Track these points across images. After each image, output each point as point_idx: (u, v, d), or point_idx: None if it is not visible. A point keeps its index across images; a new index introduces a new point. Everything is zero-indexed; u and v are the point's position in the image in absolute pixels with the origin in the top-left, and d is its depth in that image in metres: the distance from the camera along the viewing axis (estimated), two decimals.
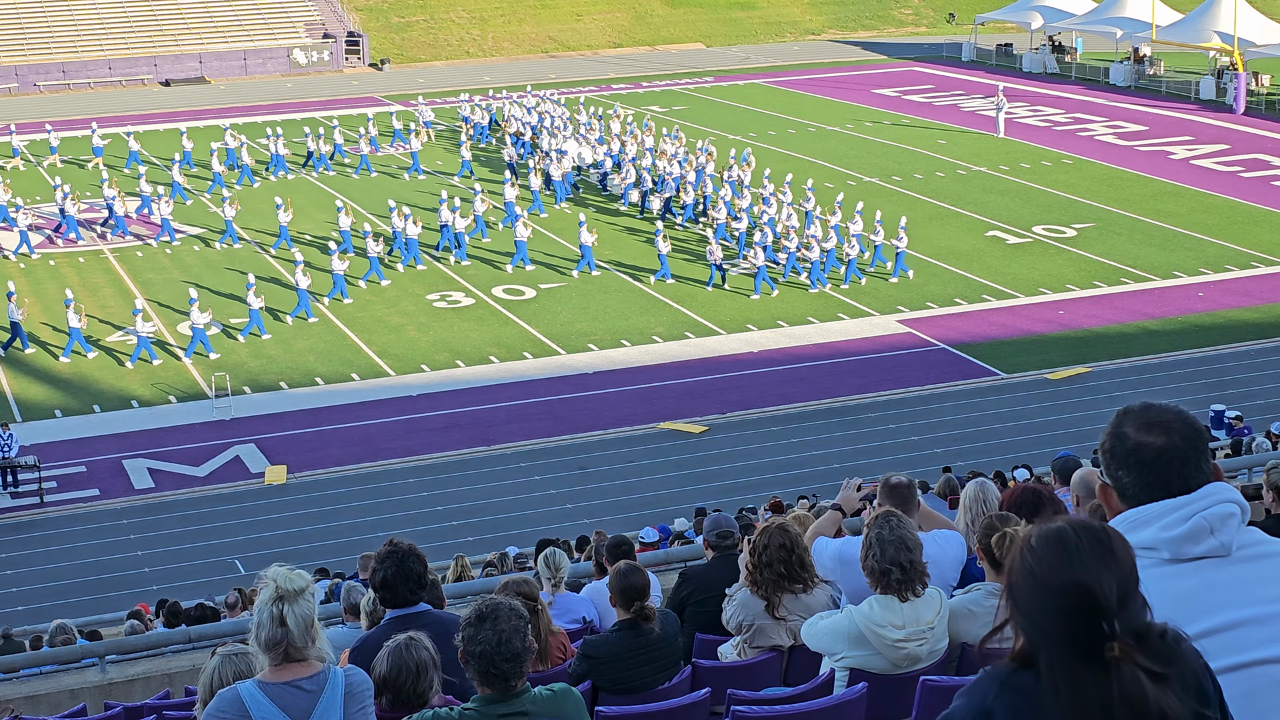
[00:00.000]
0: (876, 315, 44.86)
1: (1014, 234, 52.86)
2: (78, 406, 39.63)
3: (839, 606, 9.51)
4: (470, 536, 31.10)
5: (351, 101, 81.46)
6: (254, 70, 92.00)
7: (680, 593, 11.33)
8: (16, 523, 33.82)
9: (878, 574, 8.41)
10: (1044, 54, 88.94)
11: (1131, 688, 3.73)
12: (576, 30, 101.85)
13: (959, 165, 63.21)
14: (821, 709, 8.45)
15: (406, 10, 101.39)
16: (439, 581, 11.12)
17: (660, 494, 33.35)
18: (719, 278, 47.17)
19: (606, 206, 57.16)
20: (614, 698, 9.49)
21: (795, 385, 39.89)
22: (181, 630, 18.94)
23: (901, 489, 9.84)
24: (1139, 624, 3.82)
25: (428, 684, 7.12)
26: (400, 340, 43.36)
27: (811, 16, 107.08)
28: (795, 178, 56.96)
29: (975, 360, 41.24)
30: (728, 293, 46.76)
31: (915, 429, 36.74)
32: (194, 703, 7.48)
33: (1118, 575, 3.82)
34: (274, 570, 6.36)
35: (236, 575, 29.52)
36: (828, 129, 71.60)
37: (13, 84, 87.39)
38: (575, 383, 40.46)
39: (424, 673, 7.12)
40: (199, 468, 35.98)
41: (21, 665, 18.00)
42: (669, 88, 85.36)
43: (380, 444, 37.08)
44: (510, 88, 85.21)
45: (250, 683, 6.33)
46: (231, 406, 38.90)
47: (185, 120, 73.62)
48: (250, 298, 43.88)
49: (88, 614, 26.74)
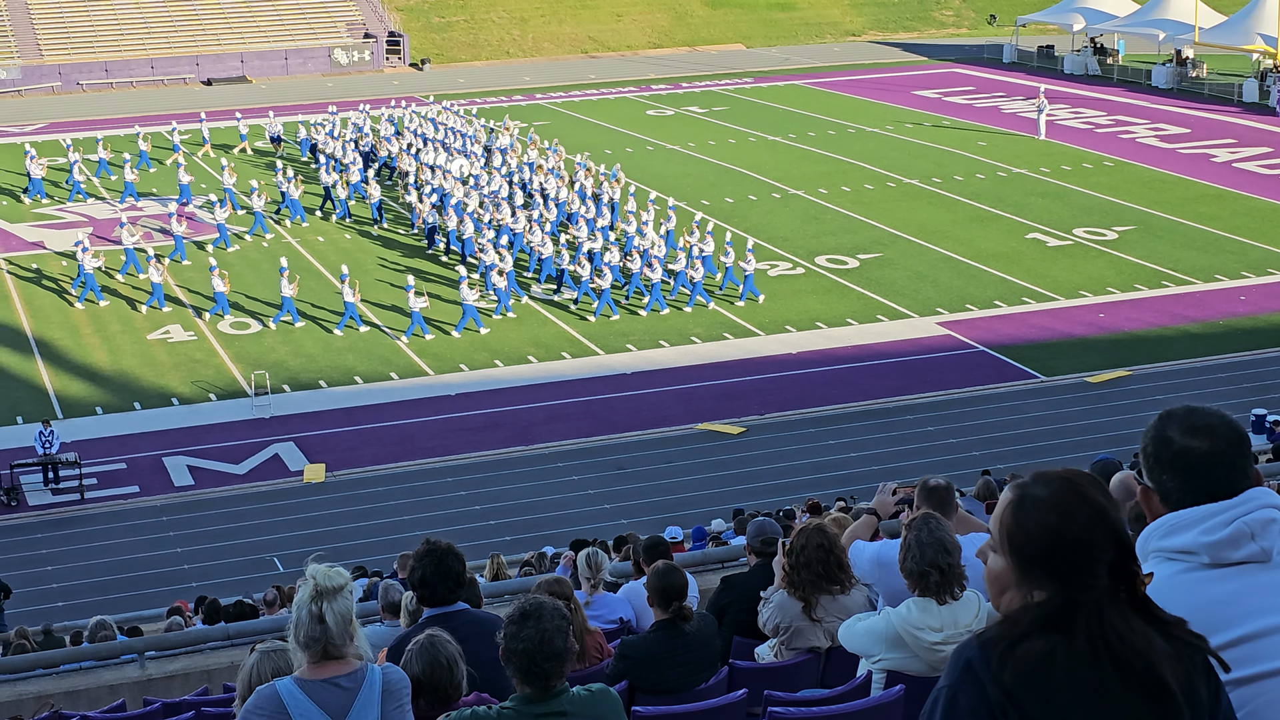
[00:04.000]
0: (915, 317, 44.75)
1: (1054, 236, 52.66)
2: (118, 404, 39.82)
3: (876, 608, 9.49)
4: (507, 536, 31.13)
5: (412, 100, 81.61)
6: (295, 70, 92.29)
7: (722, 599, 11.30)
8: (57, 519, 34.00)
9: (916, 576, 8.39)
10: (1085, 56, 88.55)
11: (1164, 618, 3.86)
12: (616, 30, 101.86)
13: (999, 167, 63.00)
14: (859, 711, 8.44)
15: (447, 10, 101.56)
16: (477, 580, 11.12)
17: (698, 495, 33.32)
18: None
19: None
20: (651, 698, 9.49)
21: (834, 387, 39.82)
22: (220, 627, 19.01)
23: (940, 492, 9.81)
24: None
25: (460, 675, 7.15)
26: (439, 339, 43.43)
27: (852, 18, 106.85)
28: (716, 191, 56.83)
29: (1014, 363, 41.10)
30: (767, 294, 46.68)
31: (954, 431, 36.63)
32: (232, 699, 7.50)
33: (1122, 513, 3.90)
34: (313, 568, 6.37)
35: (275, 573, 29.63)
36: (868, 130, 71.45)
37: (56, 83, 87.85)
38: (613, 383, 40.47)
39: (455, 666, 7.15)
40: (238, 465, 36.11)
41: (61, 660, 18.09)
42: (708, 88, 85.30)
43: (418, 443, 37.15)
44: (549, 88, 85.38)
45: (288, 680, 6.34)
46: (271, 405, 39.04)
47: (224, 120, 73.86)
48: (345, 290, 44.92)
49: (127, 610, 26.87)
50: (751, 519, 13.20)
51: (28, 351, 43.50)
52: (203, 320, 45.47)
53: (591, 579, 12.91)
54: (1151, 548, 4.44)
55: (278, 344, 43.51)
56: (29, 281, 50.36)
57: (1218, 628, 4.17)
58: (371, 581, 21.13)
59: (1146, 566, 4.46)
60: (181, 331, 44.75)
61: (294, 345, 43.45)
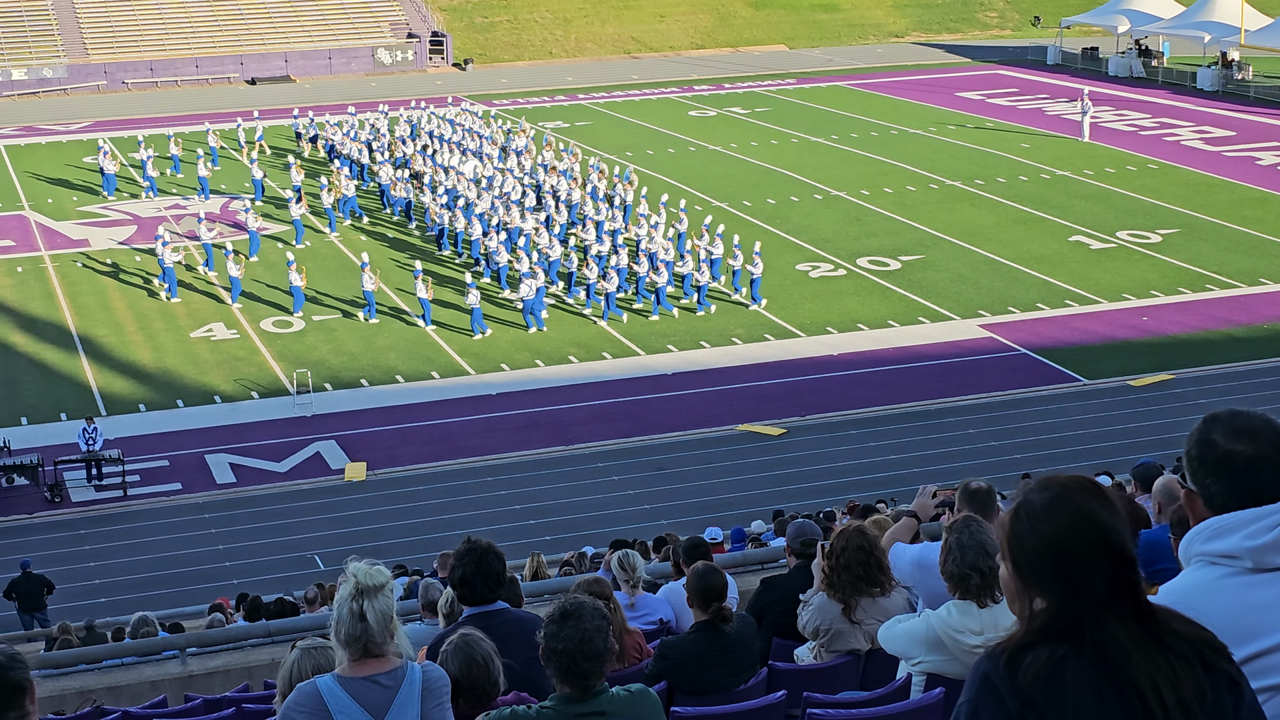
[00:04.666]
0: (957, 319, 44.61)
1: (1098, 239, 52.43)
2: (161, 401, 40.01)
3: (916, 611, 9.46)
4: (547, 535, 31.15)
5: (434, 102, 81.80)
6: (339, 69, 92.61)
7: (761, 600, 11.28)
8: (100, 515, 34.16)
9: (957, 579, 8.36)
10: (1130, 58, 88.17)
11: (1172, 625, 3.85)
12: (659, 31, 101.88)
13: (1042, 169, 62.77)
14: (898, 713, 8.42)
15: (490, 11, 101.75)
16: (518, 580, 11.14)
17: (738, 496, 33.29)
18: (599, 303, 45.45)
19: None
20: (690, 699, 9.49)
21: (875, 388, 39.73)
22: (261, 624, 19.09)
23: (981, 495, 9.78)
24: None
25: (497, 672, 7.17)
26: (480, 339, 43.49)
27: (895, 19, 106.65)
28: (757, 192, 56.73)
29: (1057, 366, 40.94)
30: (807, 297, 46.65)
31: (995, 434, 36.51)
32: (273, 696, 7.53)
33: (1124, 521, 3.89)
34: (354, 566, 6.38)
35: (315, 570, 29.72)
36: (910, 132, 71.28)
37: (101, 81, 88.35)
38: (654, 383, 40.46)
39: (491, 663, 7.17)
40: (280, 463, 36.23)
41: (104, 656, 18.20)
42: (751, 89, 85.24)
43: (459, 442, 37.22)
44: (591, 88, 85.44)
45: (329, 677, 6.36)
46: (312, 403, 39.16)
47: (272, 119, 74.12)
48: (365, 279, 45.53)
49: (169, 606, 27.00)
50: (791, 520, 13.18)
51: (72, 349, 43.75)
52: (296, 315, 45.76)
53: (629, 580, 12.90)
54: (1194, 552, 4.42)
55: (320, 343, 43.65)
56: (108, 275, 50.68)
57: (1259, 633, 4.15)
58: (412, 580, 21.18)
59: (1188, 571, 4.45)
60: (224, 329, 44.94)
61: (336, 344, 43.58)
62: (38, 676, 16.78)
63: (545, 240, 47.53)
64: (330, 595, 21.84)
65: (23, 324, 45.98)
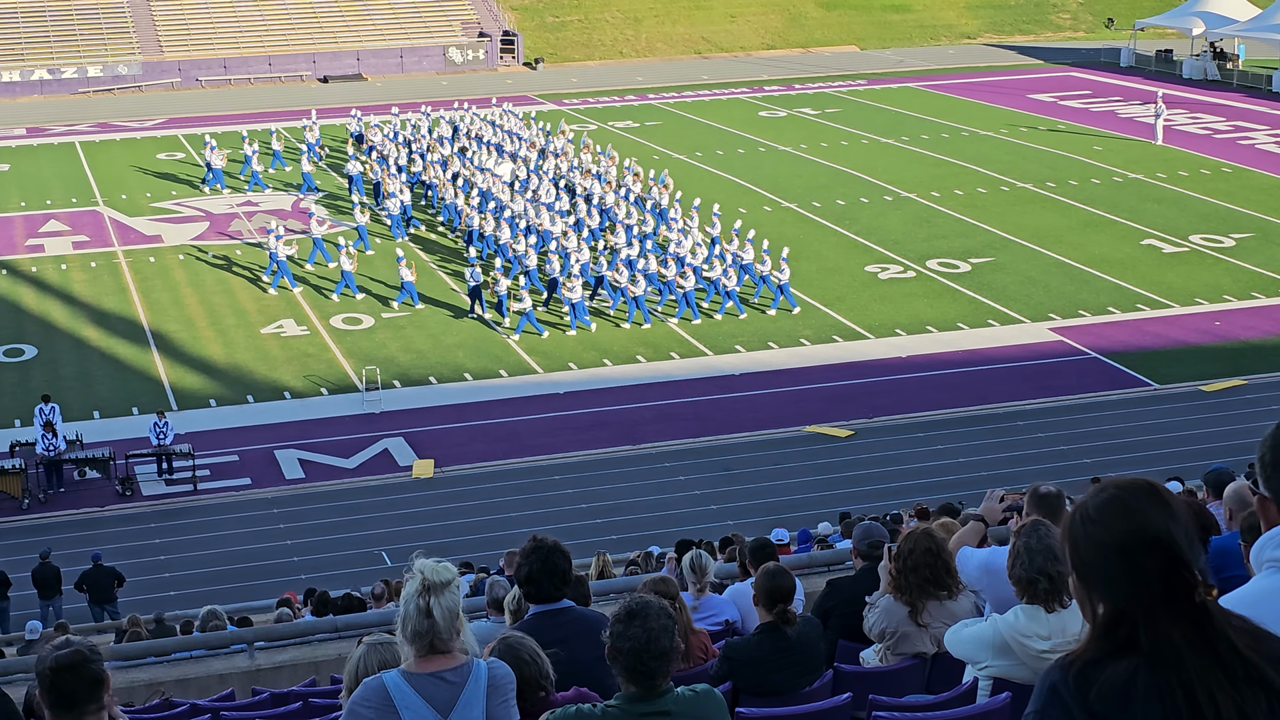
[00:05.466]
0: (1027, 322, 44.37)
1: (1170, 243, 52.03)
2: (232, 397, 40.29)
3: (983, 615, 9.42)
4: (613, 535, 31.17)
5: (504, 100, 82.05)
6: (410, 68, 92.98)
7: (827, 603, 11.26)
8: (170, 509, 34.43)
9: (1025, 583, 8.32)
10: (1205, 60, 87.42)
11: (1228, 633, 3.79)
12: (730, 32, 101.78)
13: (1115, 172, 62.34)
14: (964, 718, 8.39)
15: (561, 10, 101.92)
16: (586, 579, 11.16)
17: (804, 497, 33.23)
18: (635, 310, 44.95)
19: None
20: (755, 700, 9.48)
21: (943, 391, 39.57)
22: (329, 619, 19.19)
23: (1050, 499, 9.72)
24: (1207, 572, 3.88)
25: (547, 665, 7.19)
26: (548, 338, 43.57)
27: (967, 20, 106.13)
28: (827, 193, 56.45)
29: (1127, 370, 40.65)
30: (876, 298, 46.52)
31: (1065, 438, 36.28)
32: (339, 691, 7.57)
33: (1181, 524, 3.84)
34: (421, 562, 6.41)
35: (383, 567, 29.86)
36: (981, 133, 70.95)
37: (175, 79, 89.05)
38: (722, 384, 40.43)
39: (539, 657, 7.19)
40: (348, 460, 36.41)
41: (173, 649, 18.35)
42: (821, 90, 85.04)
43: (526, 440, 37.30)
44: (661, 88, 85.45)
45: (395, 672, 6.38)
46: (381, 400, 39.34)
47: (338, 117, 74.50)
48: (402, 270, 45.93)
49: (237, 601, 27.22)
50: (858, 522, 13.13)
51: (144, 344, 44.12)
52: (392, 308, 46.04)
53: (697, 582, 12.90)
54: (1266, 557, 4.39)
55: (389, 340, 43.85)
56: (218, 268, 51.16)
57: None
58: (478, 577, 21.25)
59: (1259, 577, 4.42)
60: (295, 326, 45.21)
61: (405, 341, 43.77)
62: (108, 668, 16.92)
63: (573, 243, 47.47)
64: (397, 591, 21.93)
65: (96, 319, 46.41)
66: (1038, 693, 3.90)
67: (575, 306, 44.05)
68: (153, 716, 13.39)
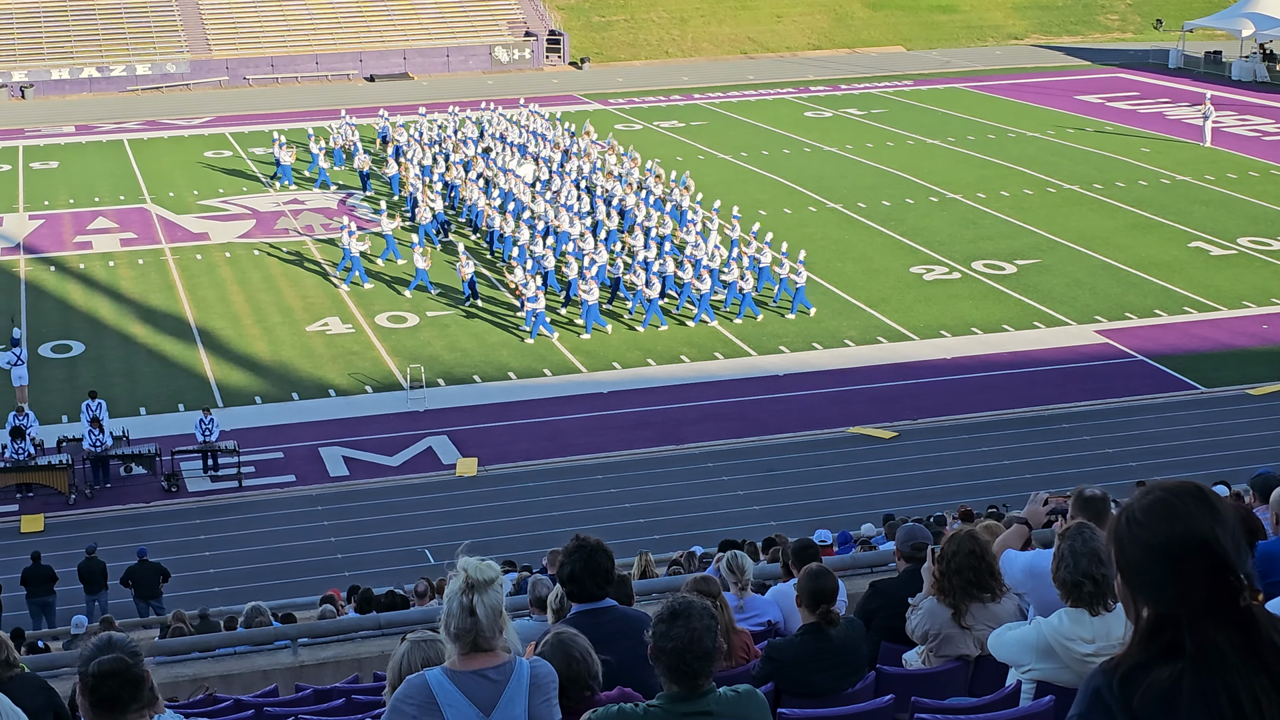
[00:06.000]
0: (1073, 325, 44.19)
1: (1218, 245, 51.74)
2: (277, 394, 40.45)
3: (1027, 617, 9.39)
4: (656, 534, 31.18)
5: (550, 100, 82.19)
6: (456, 67, 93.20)
7: (870, 604, 11.24)
8: (215, 505, 34.59)
9: (1069, 586, 8.28)
10: (1254, 62, 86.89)
11: (1273, 638, 3.74)
12: (776, 32, 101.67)
13: (1162, 174, 62.02)
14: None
15: (607, 10, 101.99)
16: (629, 578, 11.16)
17: (848, 499, 33.18)
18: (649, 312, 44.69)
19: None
20: (797, 700, 9.47)
21: (988, 393, 39.45)
22: (372, 616, 19.24)
23: (1095, 502, 9.68)
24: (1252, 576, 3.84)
25: (596, 667, 7.19)
26: (592, 337, 43.60)
27: (1015, 21, 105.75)
28: (872, 194, 56.22)
29: (1174, 373, 40.44)
30: (921, 299, 46.41)
31: (1110, 441, 36.11)
32: (383, 687, 7.60)
33: (1228, 528, 3.81)
34: (464, 560, 6.42)
35: (426, 564, 29.93)
36: (1028, 135, 70.69)
37: (223, 77, 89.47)
38: (766, 384, 40.39)
39: (589, 658, 7.19)
40: (392, 457, 36.51)
41: (217, 644, 18.42)
42: (867, 90, 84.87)
43: (570, 439, 37.33)
44: (707, 88, 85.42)
45: (438, 670, 6.40)
46: (425, 398, 39.43)
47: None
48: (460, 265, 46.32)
49: (281, 597, 27.31)
50: (901, 524, 13.10)
51: (190, 341, 44.33)
52: (440, 307, 46.29)
53: (737, 582, 12.89)
54: None
55: (433, 338, 43.95)
56: (291, 264, 51.43)
57: None
58: (521, 576, 21.27)
59: None
60: (340, 324, 45.38)
61: (449, 340, 43.86)
62: (152, 664, 17.02)
63: (590, 245, 47.34)
64: (440, 589, 22.01)
65: (143, 315, 46.66)
66: (1081, 696, 3.89)
67: (590, 309, 44.01)
68: (197, 712, 13.45)
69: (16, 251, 53.86)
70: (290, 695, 15.05)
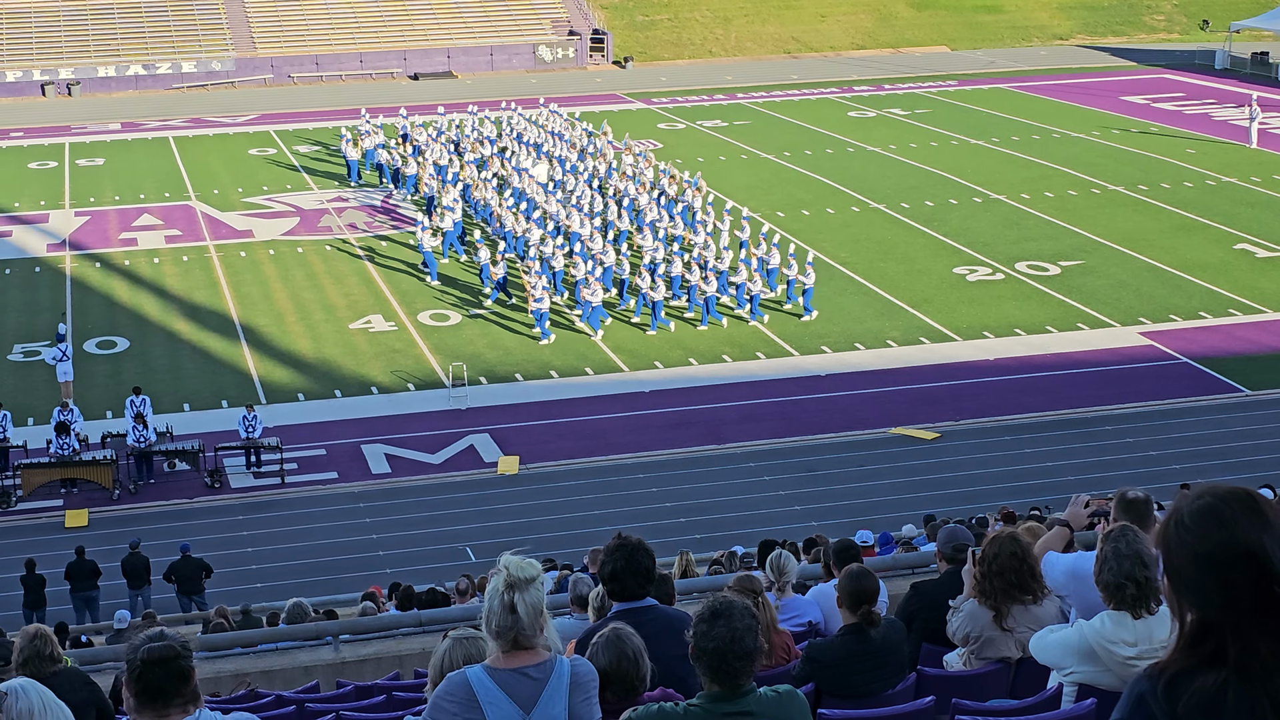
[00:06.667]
0: (1117, 326, 44.00)
1: (1264, 247, 51.43)
2: (320, 391, 40.58)
3: (1068, 620, 9.36)
4: (697, 534, 31.17)
5: (593, 99, 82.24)
6: (500, 66, 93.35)
7: (910, 605, 11.21)
8: (258, 502, 34.74)
9: (1112, 588, 8.25)
10: None
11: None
12: (819, 31, 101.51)
13: (1208, 176, 61.69)
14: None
15: (651, 9, 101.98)
16: (670, 577, 11.16)
17: (889, 499, 33.11)
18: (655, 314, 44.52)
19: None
20: (837, 701, 9.46)
21: (1030, 394, 39.31)
22: (413, 614, 19.29)
23: (1138, 504, 9.63)
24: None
25: (646, 668, 7.18)
26: (634, 336, 43.62)
27: (1060, 21, 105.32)
28: (916, 194, 55.98)
29: (1218, 375, 40.22)
30: (964, 300, 46.28)
31: (1153, 444, 35.95)
32: (423, 684, 7.62)
33: (1276, 537, 3.80)
34: (506, 558, 6.44)
35: (467, 562, 29.99)
36: (1073, 135, 70.40)
37: (268, 75, 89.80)
38: (807, 384, 40.34)
39: (641, 658, 7.18)
40: (434, 455, 36.59)
41: (259, 640, 18.50)
42: (911, 90, 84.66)
43: (611, 438, 37.35)
44: (750, 88, 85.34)
45: (479, 668, 6.42)
46: (467, 396, 39.51)
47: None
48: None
49: (323, 594, 27.41)
50: (943, 526, 13.06)
51: (234, 337, 44.53)
52: (482, 306, 46.41)
53: (777, 582, 12.88)
54: None
55: (476, 336, 44.04)
56: (386, 268, 51.50)
57: None
58: (561, 574, 21.30)
59: None
60: (382, 322, 45.51)
61: (492, 338, 43.93)
62: (195, 659, 17.09)
63: (599, 246, 47.25)
64: (481, 587, 22.05)
65: (187, 312, 46.89)
66: (1124, 701, 3.87)
67: (593, 310, 43.98)
68: (238, 707, 13.50)
69: (62, 248, 54.19)
70: (331, 691, 15.10)
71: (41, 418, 37.86)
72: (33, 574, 28.74)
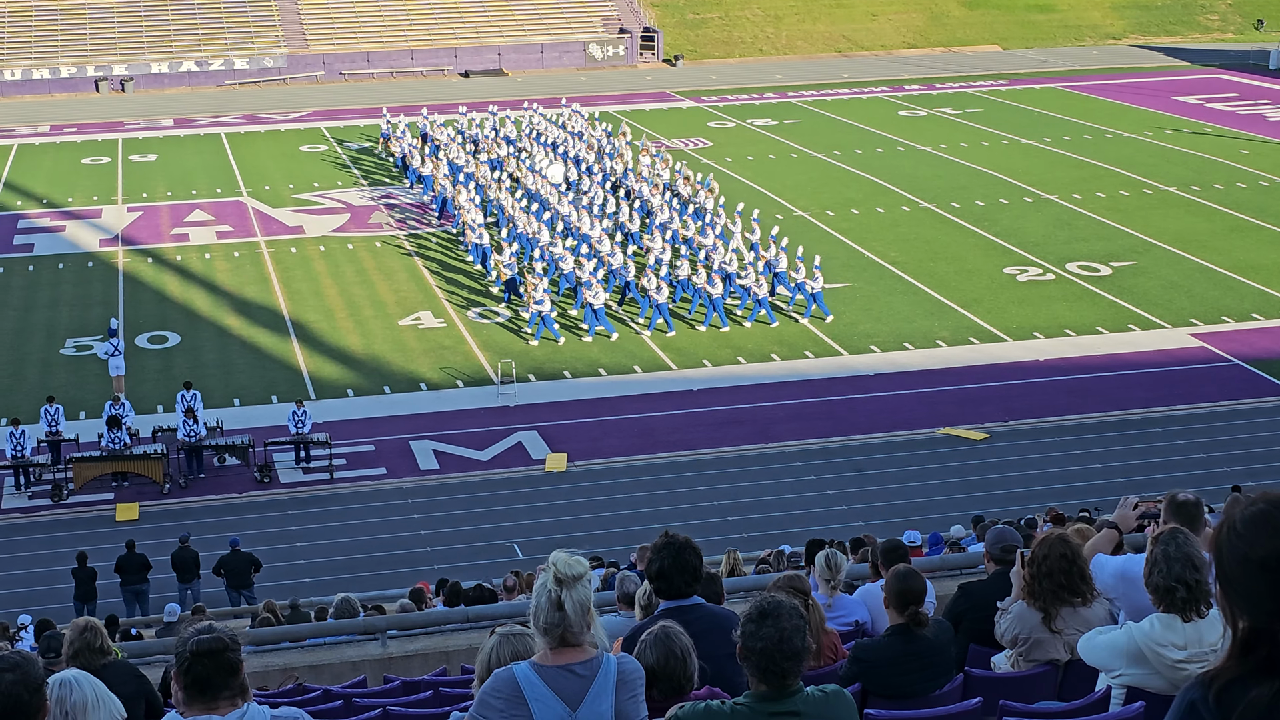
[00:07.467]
0: (1168, 328, 43.75)
1: None
2: (369, 387, 40.71)
3: (1117, 622, 9.31)
4: (744, 533, 31.15)
5: (643, 97, 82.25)
6: (550, 63, 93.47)
7: (958, 606, 11.16)
8: (307, 497, 34.87)
9: (1162, 591, 8.20)
10: None
11: None
12: (870, 30, 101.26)
13: (1261, 176, 61.25)
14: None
15: (702, 7, 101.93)
16: (718, 576, 11.14)
17: (937, 500, 33.01)
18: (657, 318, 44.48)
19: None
20: (884, 701, 9.44)
21: (1080, 396, 39.11)
22: (460, 610, 19.33)
23: (1189, 507, 9.58)
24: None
25: (694, 667, 7.18)
26: (683, 334, 43.60)
27: (1113, 20, 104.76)
28: (966, 194, 55.72)
29: (1270, 378, 39.94)
30: (1014, 300, 46.10)
31: (1204, 446, 35.72)
32: (471, 680, 7.64)
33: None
34: (554, 555, 6.45)
35: (514, 559, 30.04)
36: (1125, 135, 70.03)
37: (320, 72, 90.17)
38: (856, 384, 40.25)
39: (689, 657, 7.18)
40: (482, 452, 36.66)
41: (307, 635, 18.57)
42: (963, 90, 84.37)
43: (659, 436, 37.35)
44: (801, 86, 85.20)
45: (526, 664, 6.43)
46: (516, 393, 39.57)
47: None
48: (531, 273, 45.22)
49: (370, 589, 27.49)
50: (991, 526, 13.01)
51: (284, 333, 44.72)
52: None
53: (831, 580, 12.85)
54: None
55: (524, 333, 44.08)
56: (435, 265, 51.51)
57: None
58: (608, 572, 21.31)
59: None
60: (431, 318, 45.62)
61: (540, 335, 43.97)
62: (243, 653, 17.16)
63: (606, 247, 47.09)
64: (528, 583, 22.09)
65: (238, 307, 47.13)
66: (1176, 708, 3.84)
67: (596, 313, 43.90)
68: (286, 701, 13.56)
69: (115, 243, 54.55)
70: (378, 686, 15.14)
71: (93, 412, 38.11)
72: (84, 567, 28.94)
